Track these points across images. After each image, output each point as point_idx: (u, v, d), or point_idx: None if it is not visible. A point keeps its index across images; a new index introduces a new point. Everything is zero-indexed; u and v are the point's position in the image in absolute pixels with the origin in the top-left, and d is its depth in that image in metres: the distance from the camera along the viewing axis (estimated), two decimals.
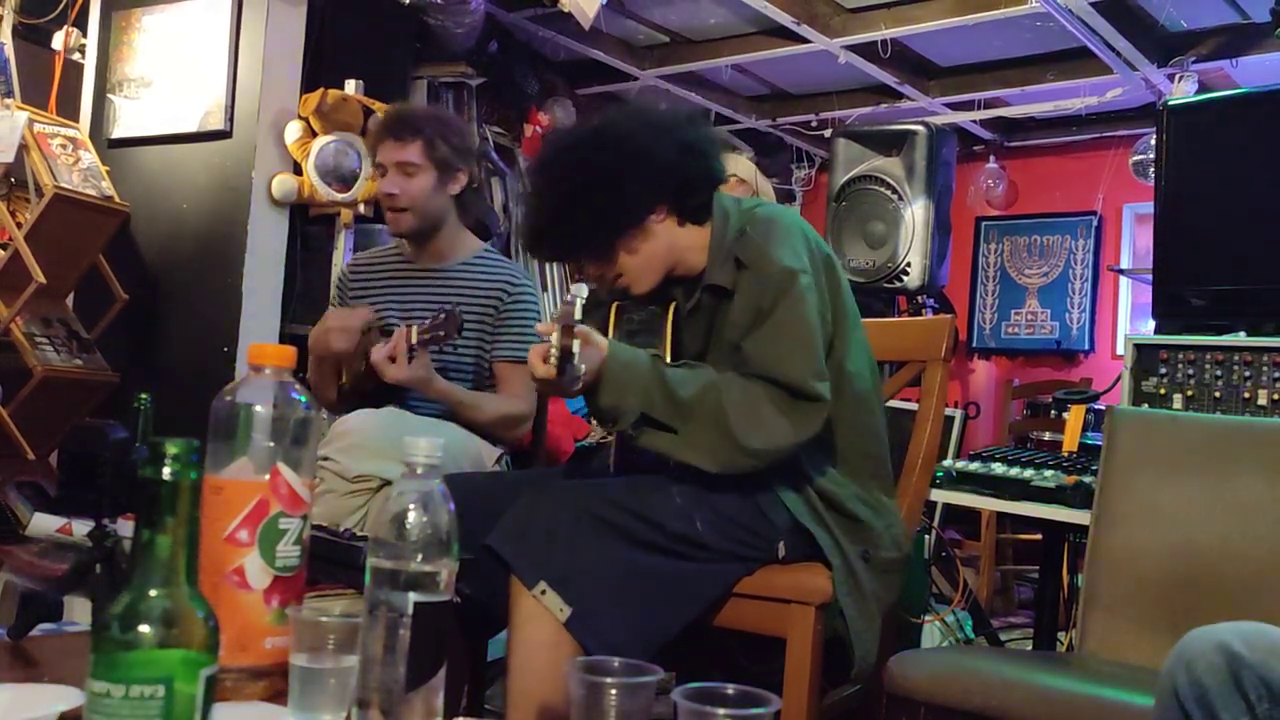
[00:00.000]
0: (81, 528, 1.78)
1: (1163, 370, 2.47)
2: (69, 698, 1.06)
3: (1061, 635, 2.83)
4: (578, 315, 1.51)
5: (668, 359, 1.81)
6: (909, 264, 4.05)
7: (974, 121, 5.83)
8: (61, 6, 3.78)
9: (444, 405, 2.44)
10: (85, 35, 3.86)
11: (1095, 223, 6.11)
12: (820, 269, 1.81)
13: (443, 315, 2.33)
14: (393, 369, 2.32)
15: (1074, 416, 2.79)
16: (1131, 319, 6.02)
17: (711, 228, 1.85)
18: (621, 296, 1.90)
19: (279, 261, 3.59)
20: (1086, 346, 6.10)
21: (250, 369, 1.24)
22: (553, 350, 1.51)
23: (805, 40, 4.82)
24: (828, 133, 5.12)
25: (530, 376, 1.65)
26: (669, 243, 1.83)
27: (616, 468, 1.84)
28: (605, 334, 1.88)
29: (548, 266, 5.21)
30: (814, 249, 1.82)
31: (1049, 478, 2.41)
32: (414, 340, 2.32)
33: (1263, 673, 1.10)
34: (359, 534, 1.66)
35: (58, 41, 3.81)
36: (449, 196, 2.55)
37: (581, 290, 1.51)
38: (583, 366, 1.54)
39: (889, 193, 4.10)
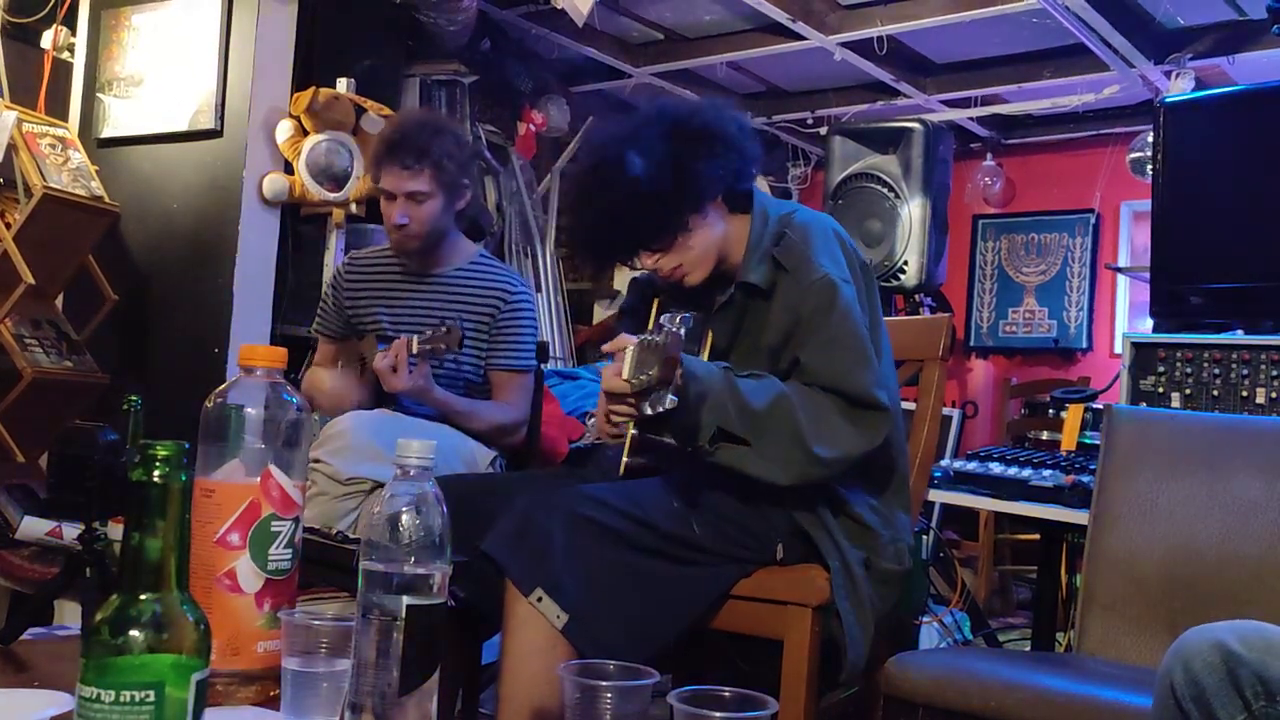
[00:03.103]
0: (71, 531, 1.76)
1: (1161, 369, 2.47)
2: (59, 703, 1.06)
3: (1060, 636, 2.82)
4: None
5: (705, 359, 1.81)
6: (906, 262, 4.05)
7: (971, 119, 5.82)
8: (50, 5, 3.75)
9: (441, 413, 2.43)
10: (74, 34, 3.83)
11: (1093, 220, 6.11)
12: (859, 275, 1.81)
13: (444, 328, 2.32)
14: (393, 379, 2.32)
15: (1072, 416, 2.78)
16: (1129, 317, 6.01)
17: (750, 222, 1.84)
18: (674, 288, 1.88)
19: (270, 262, 3.57)
20: (1084, 345, 6.10)
21: (241, 370, 1.23)
22: (644, 377, 1.47)
23: (801, 37, 4.81)
24: (824, 130, 5.11)
25: (604, 385, 1.62)
26: (723, 230, 1.83)
27: (627, 468, 1.82)
28: (647, 328, 1.87)
29: (542, 268, 5.20)
30: (852, 256, 1.83)
31: (1047, 477, 2.41)
32: (414, 350, 2.31)
33: (1259, 671, 1.09)
34: (351, 536, 1.65)
35: (46, 40, 3.79)
36: (457, 212, 2.53)
37: (688, 319, 1.48)
38: (673, 400, 1.50)
39: (886, 191, 4.09)
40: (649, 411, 1.49)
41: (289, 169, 3.55)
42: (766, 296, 1.79)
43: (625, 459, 1.82)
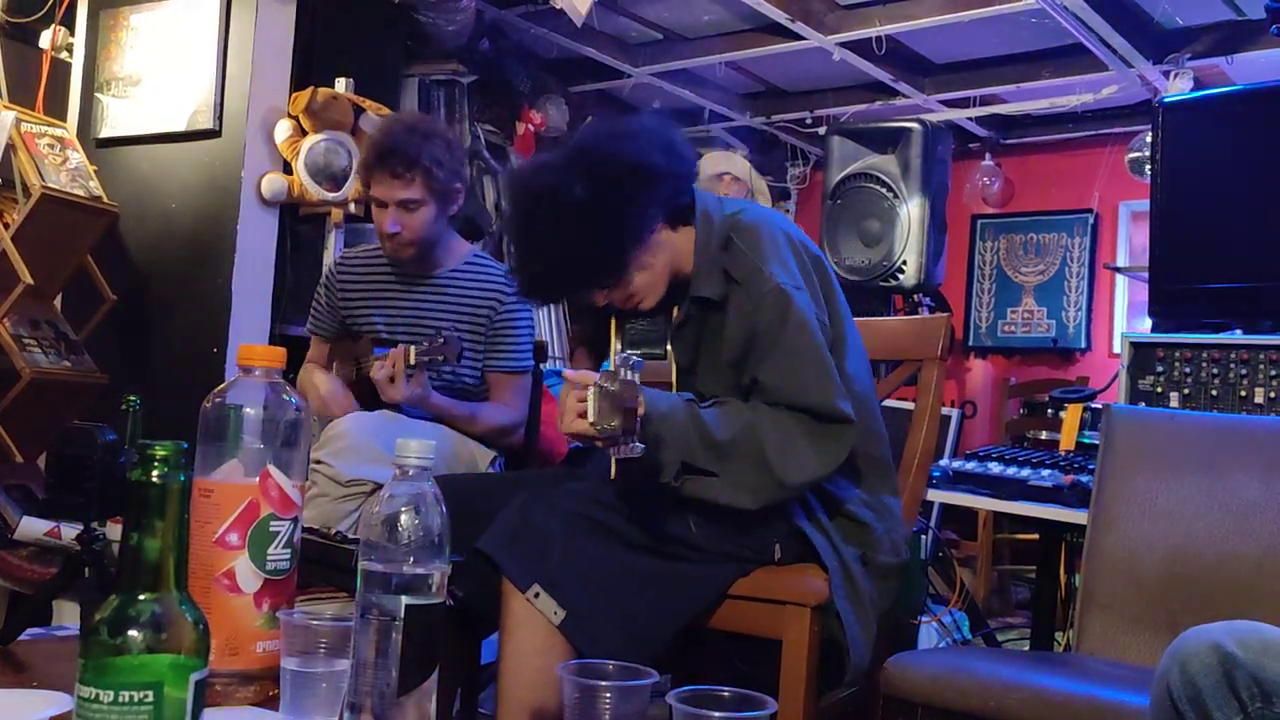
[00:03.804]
0: (70, 531, 1.76)
1: (1159, 368, 2.47)
2: (58, 703, 1.06)
3: (1059, 635, 2.82)
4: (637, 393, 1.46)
5: (674, 369, 1.80)
6: (905, 262, 4.04)
7: (969, 119, 5.82)
8: (49, 5, 3.75)
9: (440, 419, 2.42)
10: (73, 34, 3.83)
11: (1091, 220, 6.10)
12: (812, 274, 1.79)
13: (441, 339, 2.31)
14: (391, 389, 2.31)
15: (1071, 415, 2.78)
16: (1128, 317, 6.01)
17: (695, 231, 1.81)
18: (631, 314, 1.87)
19: (269, 261, 3.56)
20: (1083, 345, 6.10)
21: (240, 370, 1.22)
22: (607, 427, 1.46)
23: (799, 37, 4.80)
24: (822, 130, 5.11)
25: (564, 428, 1.59)
26: (670, 250, 1.80)
27: (618, 474, 1.82)
28: (608, 344, 1.86)
29: None
30: (803, 254, 1.80)
31: (1046, 477, 2.40)
32: (412, 361, 2.30)
33: (1255, 672, 1.09)
34: (350, 536, 1.64)
35: (45, 40, 3.78)
36: (449, 216, 2.51)
37: (639, 364, 1.47)
38: (639, 449, 1.49)
39: (884, 191, 4.09)
40: (616, 456, 1.50)
41: (287, 169, 3.55)
42: (721, 309, 1.77)
43: (615, 467, 1.83)
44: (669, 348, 1.84)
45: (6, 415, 3.20)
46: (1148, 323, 2.79)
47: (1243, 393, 2.36)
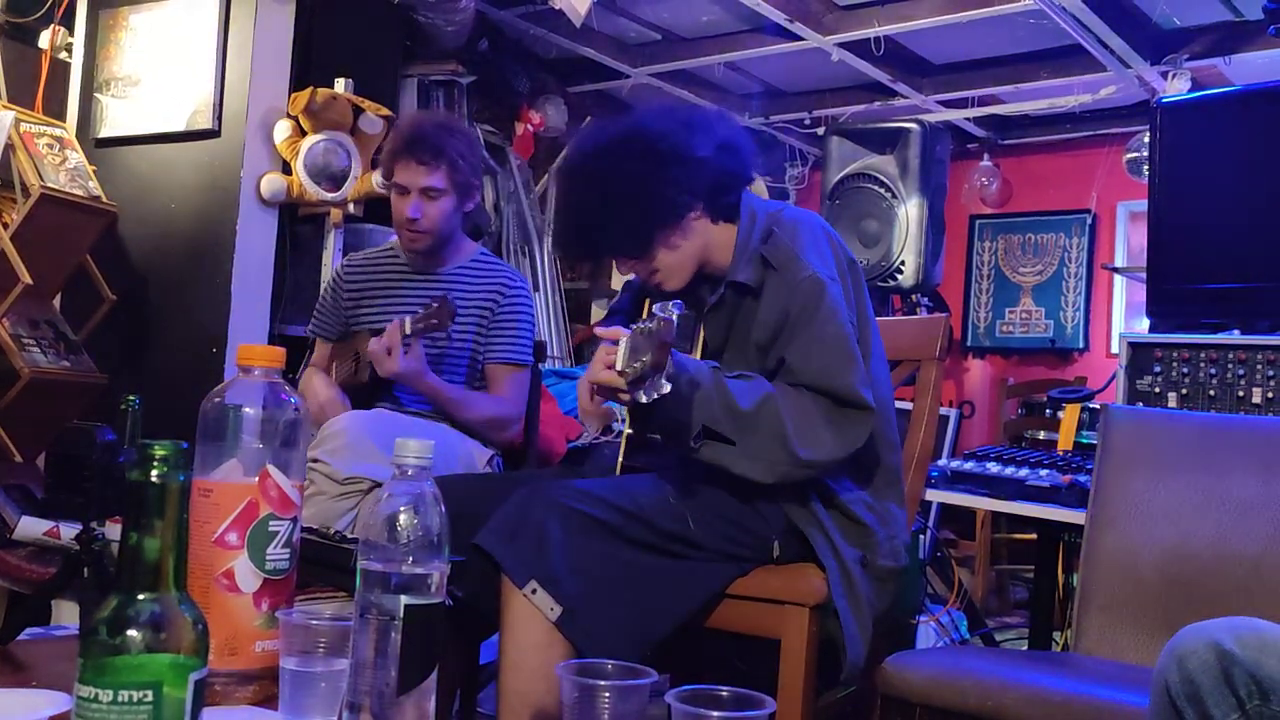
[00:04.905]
0: (69, 531, 1.76)
1: (1157, 369, 2.47)
2: (57, 702, 1.06)
3: (1057, 635, 2.82)
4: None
5: (699, 356, 1.82)
6: (903, 262, 4.05)
7: (968, 119, 5.82)
8: (48, 5, 3.75)
9: (433, 400, 2.43)
10: (72, 34, 3.83)
11: (1089, 221, 6.11)
12: (847, 275, 1.82)
13: (434, 304, 2.33)
14: (388, 362, 2.33)
15: (1069, 415, 2.78)
16: (1126, 317, 6.02)
17: (738, 226, 1.86)
18: (653, 292, 1.91)
19: (268, 262, 3.57)
20: (1081, 345, 6.10)
21: (239, 370, 1.23)
22: (637, 365, 1.48)
23: (798, 38, 4.81)
24: (821, 131, 5.11)
25: (591, 377, 1.64)
26: (704, 240, 1.85)
27: (624, 468, 1.83)
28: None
29: (540, 268, 5.20)
30: (840, 255, 1.84)
31: (1044, 477, 2.41)
32: (408, 331, 2.32)
33: (1253, 670, 1.09)
34: (349, 536, 1.65)
35: (44, 40, 3.79)
36: (464, 213, 2.55)
37: (680, 304, 1.49)
38: (668, 385, 1.50)
39: (883, 191, 4.10)
40: (643, 399, 1.50)
41: (287, 169, 3.55)
42: (756, 295, 1.81)
43: (621, 459, 1.83)
44: (699, 341, 1.86)
45: (6, 415, 3.20)
46: (1145, 323, 2.79)
47: (1240, 393, 2.37)
